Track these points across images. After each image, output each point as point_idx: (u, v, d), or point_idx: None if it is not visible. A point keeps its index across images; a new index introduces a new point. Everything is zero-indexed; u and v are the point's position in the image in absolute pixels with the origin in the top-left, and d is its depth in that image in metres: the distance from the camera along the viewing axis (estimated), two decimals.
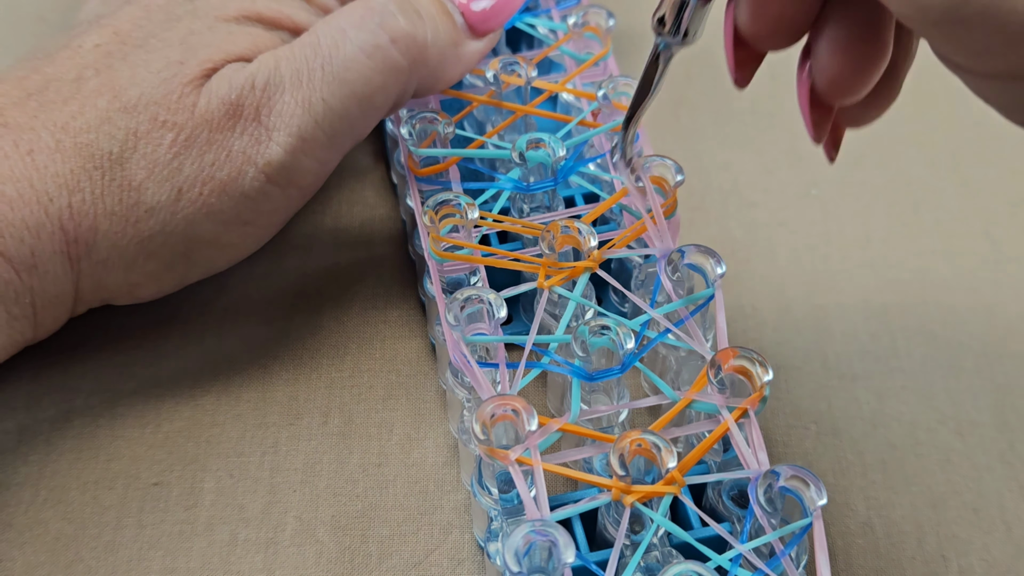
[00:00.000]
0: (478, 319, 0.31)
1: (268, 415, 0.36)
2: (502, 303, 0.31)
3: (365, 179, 0.43)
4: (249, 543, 0.33)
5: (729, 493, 0.31)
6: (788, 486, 0.27)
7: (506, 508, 0.30)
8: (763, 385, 0.29)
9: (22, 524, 0.34)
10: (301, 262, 0.40)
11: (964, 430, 0.36)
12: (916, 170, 0.44)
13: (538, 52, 0.39)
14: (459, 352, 0.30)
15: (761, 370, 0.29)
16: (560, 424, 0.28)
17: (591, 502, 0.28)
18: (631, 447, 0.27)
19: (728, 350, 0.29)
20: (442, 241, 0.33)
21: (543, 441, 0.28)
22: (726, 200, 0.43)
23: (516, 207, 0.36)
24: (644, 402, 0.31)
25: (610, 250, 0.33)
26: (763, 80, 0.47)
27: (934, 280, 0.40)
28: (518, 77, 0.37)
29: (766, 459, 0.28)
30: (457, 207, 0.33)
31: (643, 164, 0.34)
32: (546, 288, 0.32)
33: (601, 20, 0.39)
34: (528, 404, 0.28)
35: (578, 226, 0.32)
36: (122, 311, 0.39)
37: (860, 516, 0.34)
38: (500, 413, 0.28)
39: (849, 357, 0.38)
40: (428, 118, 0.35)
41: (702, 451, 0.28)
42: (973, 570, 0.33)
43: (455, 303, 0.31)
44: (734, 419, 0.29)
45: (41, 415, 0.36)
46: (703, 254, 0.32)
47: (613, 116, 0.36)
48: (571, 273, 0.32)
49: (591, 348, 0.30)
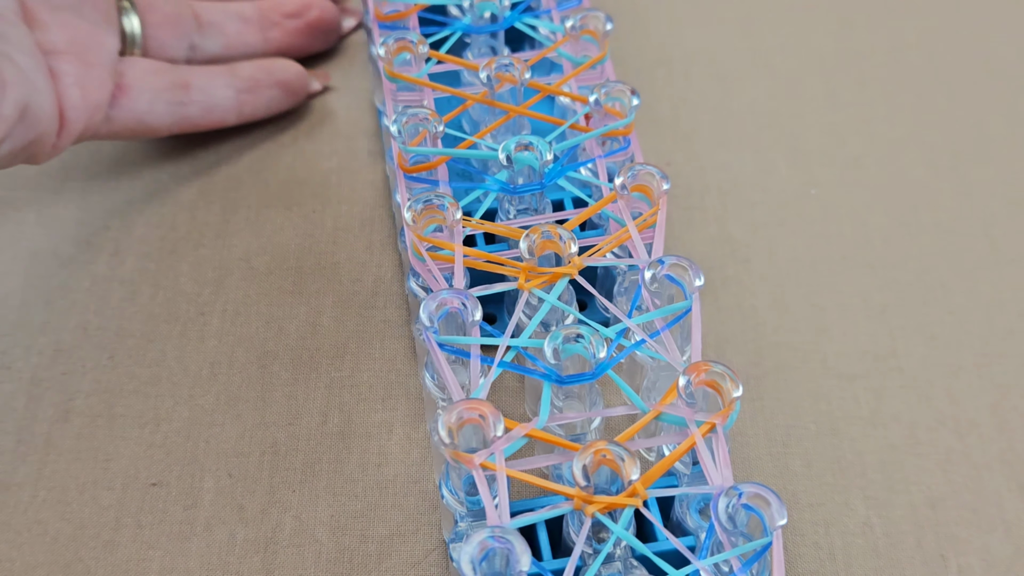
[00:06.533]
0: (455, 319, 0.31)
1: (268, 415, 0.36)
2: (477, 305, 0.30)
3: (364, 178, 0.43)
4: (248, 543, 0.33)
5: (697, 507, 0.30)
6: (750, 504, 0.27)
7: (472, 511, 0.29)
8: (733, 400, 0.28)
9: (21, 524, 0.34)
10: (300, 261, 0.40)
11: (964, 430, 0.36)
12: (916, 170, 0.44)
13: (536, 53, 0.39)
14: (433, 352, 0.30)
15: (731, 385, 0.28)
16: (527, 430, 0.28)
17: (552, 510, 0.27)
18: (595, 457, 0.27)
19: (699, 363, 0.29)
20: (424, 241, 0.33)
21: (511, 446, 0.28)
22: (726, 200, 0.43)
23: (503, 208, 0.36)
24: (615, 411, 0.30)
25: (591, 257, 0.33)
26: (763, 80, 0.48)
27: (934, 280, 0.40)
28: (512, 77, 0.37)
29: (730, 475, 0.28)
30: (441, 208, 0.33)
31: (629, 172, 0.34)
32: (526, 290, 0.31)
33: (599, 24, 0.38)
34: (495, 409, 0.28)
35: (559, 231, 0.32)
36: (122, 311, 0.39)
37: (860, 516, 0.34)
38: (467, 417, 0.28)
39: (849, 357, 0.38)
40: (419, 116, 0.35)
41: (667, 464, 0.28)
42: (972, 570, 0.33)
43: (431, 302, 0.30)
44: (702, 434, 0.28)
45: (41, 415, 0.36)
46: (682, 266, 0.31)
47: (605, 121, 0.36)
48: (550, 278, 0.32)
49: (563, 355, 0.29)
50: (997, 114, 0.46)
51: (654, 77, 0.47)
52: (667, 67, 0.47)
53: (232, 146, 0.44)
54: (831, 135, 0.45)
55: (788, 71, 0.48)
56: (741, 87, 0.47)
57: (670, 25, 0.49)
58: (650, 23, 0.49)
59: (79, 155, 0.44)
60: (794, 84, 0.47)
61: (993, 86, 0.47)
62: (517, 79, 0.37)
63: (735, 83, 0.47)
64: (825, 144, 0.45)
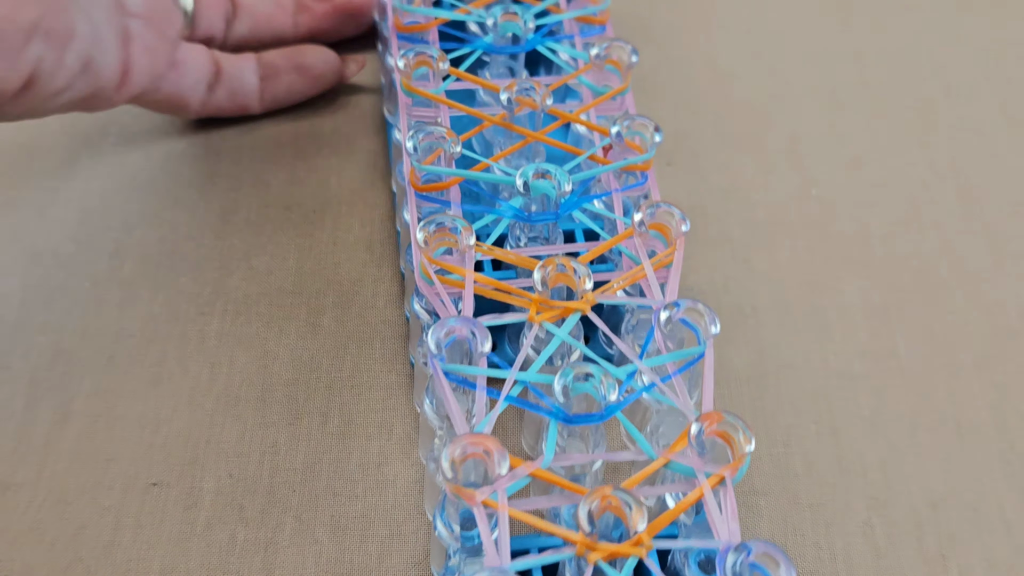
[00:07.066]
0: (460, 347, 0.30)
1: (268, 415, 0.36)
2: (487, 335, 0.29)
3: (365, 178, 0.43)
4: (248, 543, 0.33)
5: (697, 558, 0.30)
6: (758, 563, 0.26)
7: (467, 547, 0.29)
8: (744, 455, 0.27)
9: (21, 525, 0.34)
10: (301, 262, 0.40)
11: (964, 430, 0.36)
12: (916, 170, 0.44)
13: (556, 78, 0.38)
14: (439, 380, 0.29)
15: (744, 439, 0.27)
16: (532, 469, 0.27)
17: (554, 554, 0.27)
18: (601, 503, 0.26)
19: (713, 413, 0.28)
20: (434, 264, 0.32)
21: (513, 484, 0.27)
22: (726, 200, 0.43)
23: (514, 235, 0.35)
24: (621, 455, 0.29)
25: (604, 294, 0.32)
26: (763, 80, 0.48)
27: (934, 280, 0.40)
28: (533, 102, 0.35)
29: (738, 530, 0.27)
30: (454, 231, 0.32)
31: (648, 209, 0.33)
32: (537, 323, 0.31)
33: (624, 55, 0.37)
34: (501, 445, 0.27)
35: (574, 266, 0.31)
36: (122, 311, 0.39)
37: (861, 516, 0.34)
38: (471, 452, 0.27)
39: (849, 357, 0.38)
40: (435, 134, 0.34)
41: (673, 515, 0.27)
42: (973, 570, 0.33)
43: (439, 330, 0.29)
44: (710, 485, 0.27)
45: (41, 416, 0.36)
46: (698, 311, 0.30)
47: (625, 154, 0.35)
48: (562, 312, 0.31)
49: (571, 393, 0.29)
50: (997, 114, 0.46)
51: (655, 77, 0.47)
52: (667, 67, 0.47)
53: (232, 145, 0.44)
54: (831, 135, 0.45)
55: (788, 71, 0.48)
56: (741, 87, 0.47)
57: (671, 25, 0.49)
58: (651, 23, 0.49)
59: (79, 155, 0.44)
60: (794, 84, 0.47)
61: (993, 86, 0.47)
62: (538, 104, 0.35)
63: (735, 83, 0.47)
64: (825, 144, 0.45)
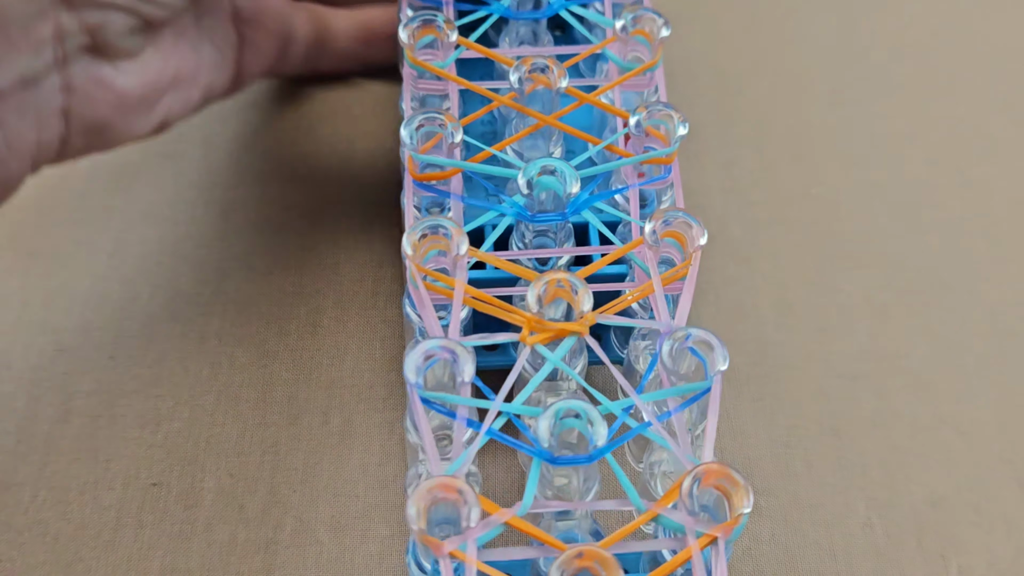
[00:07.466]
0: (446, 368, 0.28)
1: (268, 415, 0.36)
2: (470, 359, 0.27)
3: (366, 178, 0.43)
4: (249, 543, 0.33)
5: None
6: None
7: None
8: (740, 515, 0.25)
9: (22, 524, 0.34)
10: (302, 261, 0.40)
11: (964, 430, 0.36)
12: (916, 169, 0.44)
13: (583, 48, 0.35)
14: (416, 412, 0.27)
15: (743, 497, 0.25)
16: (506, 517, 0.25)
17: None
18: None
19: (713, 467, 0.25)
20: (423, 271, 0.29)
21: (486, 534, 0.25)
22: (726, 200, 0.43)
23: (519, 231, 0.33)
24: (606, 504, 0.27)
25: (604, 315, 0.29)
26: (763, 79, 0.48)
27: (934, 280, 0.40)
28: (547, 80, 0.32)
29: None
30: (446, 236, 0.29)
31: (662, 219, 0.30)
32: (528, 344, 0.28)
33: (655, 27, 0.34)
34: (473, 491, 0.25)
35: (571, 281, 0.28)
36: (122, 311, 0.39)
37: (861, 516, 0.34)
38: (441, 497, 0.25)
39: (850, 357, 0.38)
40: (435, 120, 0.32)
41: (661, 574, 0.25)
42: (973, 570, 0.33)
43: (417, 354, 0.27)
44: (699, 547, 0.25)
45: (41, 415, 0.36)
46: (709, 343, 0.28)
47: (645, 144, 0.32)
48: (557, 334, 0.28)
49: (556, 432, 0.26)
50: (998, 113, 0.46)
51: None
52: (667, 67, 0.47)
53: (233, 144, 0.44)
54: (831, 135, 0.45)
55: (789, 71, 0.48)
56: (741, 87, 0.47)
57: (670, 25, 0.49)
58: None
59: None
60: (795, 84, 0.47)
61: (994, 85, 0.47)
62: (553, 84, 0.32)
63: (735, 83, 0.47)
64: (825, 144, 0.45)
